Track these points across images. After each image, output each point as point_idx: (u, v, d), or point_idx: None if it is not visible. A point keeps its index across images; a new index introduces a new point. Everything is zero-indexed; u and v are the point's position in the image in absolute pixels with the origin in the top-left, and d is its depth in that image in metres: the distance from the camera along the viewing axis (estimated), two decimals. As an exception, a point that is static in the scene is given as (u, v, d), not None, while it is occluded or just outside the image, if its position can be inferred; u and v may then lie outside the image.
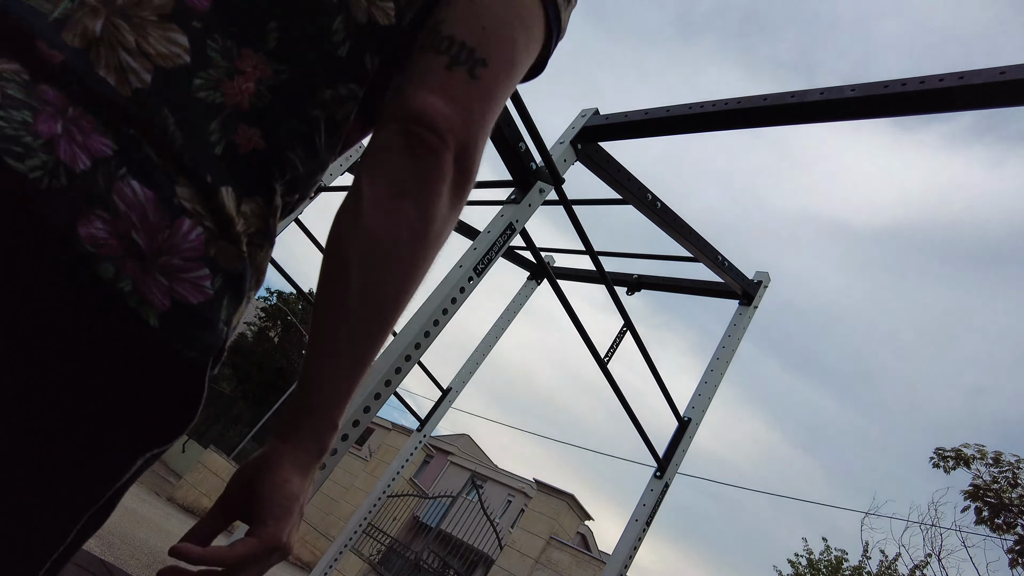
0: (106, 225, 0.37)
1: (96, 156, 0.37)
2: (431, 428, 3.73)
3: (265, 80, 0.45)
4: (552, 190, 1.85)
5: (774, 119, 1.60)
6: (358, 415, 1.44)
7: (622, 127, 1.89)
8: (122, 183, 0.38)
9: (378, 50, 0.51)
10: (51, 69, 0.37)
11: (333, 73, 0.49)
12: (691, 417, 2.46)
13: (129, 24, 0.40)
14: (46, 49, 0.37)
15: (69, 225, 0.35)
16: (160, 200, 0.39)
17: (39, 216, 0.35)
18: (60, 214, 0.35)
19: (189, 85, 0.42)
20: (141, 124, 0.39)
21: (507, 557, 8.06)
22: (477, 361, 3.78)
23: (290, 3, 0.46)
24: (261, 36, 0.45)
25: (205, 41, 0.42)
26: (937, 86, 1.32)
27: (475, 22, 0.50)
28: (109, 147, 0.38)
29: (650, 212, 2.17)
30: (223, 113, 0.43)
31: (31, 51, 0.37)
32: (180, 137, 0.40)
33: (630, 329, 2.35)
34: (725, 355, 2.57)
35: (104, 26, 0.39)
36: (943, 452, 7.15)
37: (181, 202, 0.40)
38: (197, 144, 0.41)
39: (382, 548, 10.22)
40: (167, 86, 0.41)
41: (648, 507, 2.28)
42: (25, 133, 0.35)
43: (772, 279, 2.72)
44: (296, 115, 0.47)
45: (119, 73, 0.39)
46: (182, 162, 0.40)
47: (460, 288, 1.64)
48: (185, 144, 0.41)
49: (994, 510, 6.53)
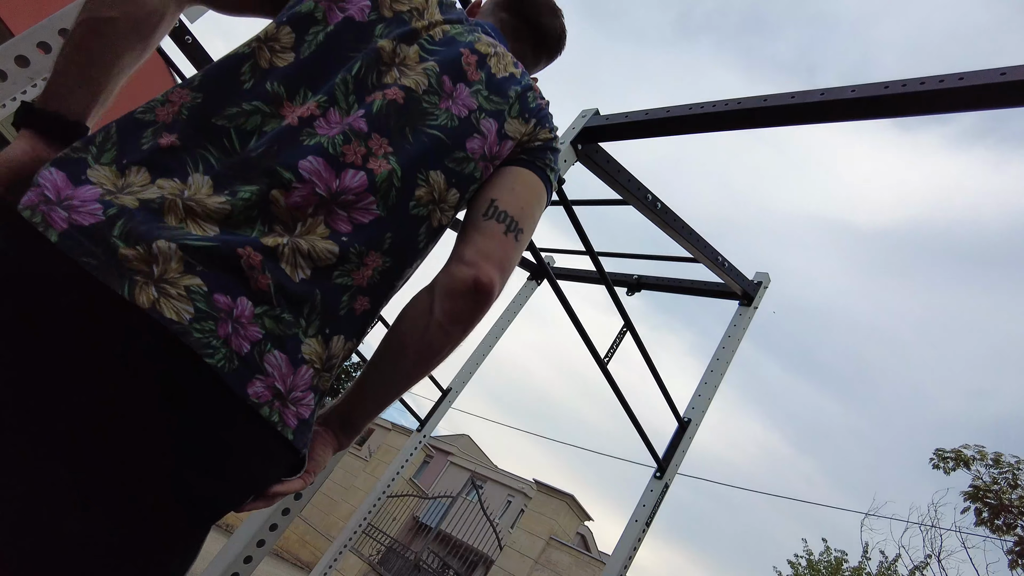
0: (262, 383, 0.61)
1: (252, 340, 0.60)
2: (431, 428, 3.73)
3: (378, 268, 0.71)
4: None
5: (775, 120, 1.60)
6: (358, 415, 1.44)
7: (622, 128, 1.89)
8: (268, 354, 0.61)
9: (436, 238, 0.81)
10: (245, 272, 0.61)
11: (414, 258, 0.77)
12: (691, 418, 2.46)
13: (306, 242, 0.65)
14: (252, 254, 0.61)
15: (242, 389, 0.59)
16: (291, 359, 0.63)
17: (228, 386, 0.58)
18: (238, 384, 0.59)
19: (333, 275, 0.67)
20: (298, 301, 0.64)
21: (507, 557, 8.06)
22: (477, 361, 3.78)
23: (401, 221, 0.73)
24: (380, 242, 0.71)
25: (348, 248, 0.68)
26: (938, 87, 1.31)
27: (517, 203, 0.80)
28: (259, 333, 0.61)
29: (650, 212, 2.17)
30: (351, 290, 0.69)
31: (235, 261, 0.60)
32: (321, 306, 0.66)
33: (630, 329, 2.35)
34: (725, 356, 2.57)
35: (290, 242, 0.64)
36: (943, 453, 7.15)
37: (303, 355, 0.65)
38: (330, 310, 0.67)
39: (382, 548, 10.22)
40: (319, 277, 0.66)
41: (648, 508, 2.28)
42: (212, 338, 0.57)
43: (772, 279, 2.72)
44: (392, 287, 0.75)
45: (292, 267, 0.64)
46: (319, 324, 0.66)
47: (460, 288, 1.64)
48: (322, 311, 0.66)
49: (994, 511, 6.53)
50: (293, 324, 0.63)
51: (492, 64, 0.84)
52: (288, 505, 1.33)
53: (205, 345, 0.56)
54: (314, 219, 0.66)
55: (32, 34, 1.27)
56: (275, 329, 0.62)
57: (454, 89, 0.79)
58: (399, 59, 0.77)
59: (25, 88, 1.29)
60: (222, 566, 1.25)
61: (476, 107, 0.80)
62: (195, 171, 0.63)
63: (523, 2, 1.00)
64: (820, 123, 1.55)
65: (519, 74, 0.87)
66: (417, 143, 0.74)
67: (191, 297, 0.57)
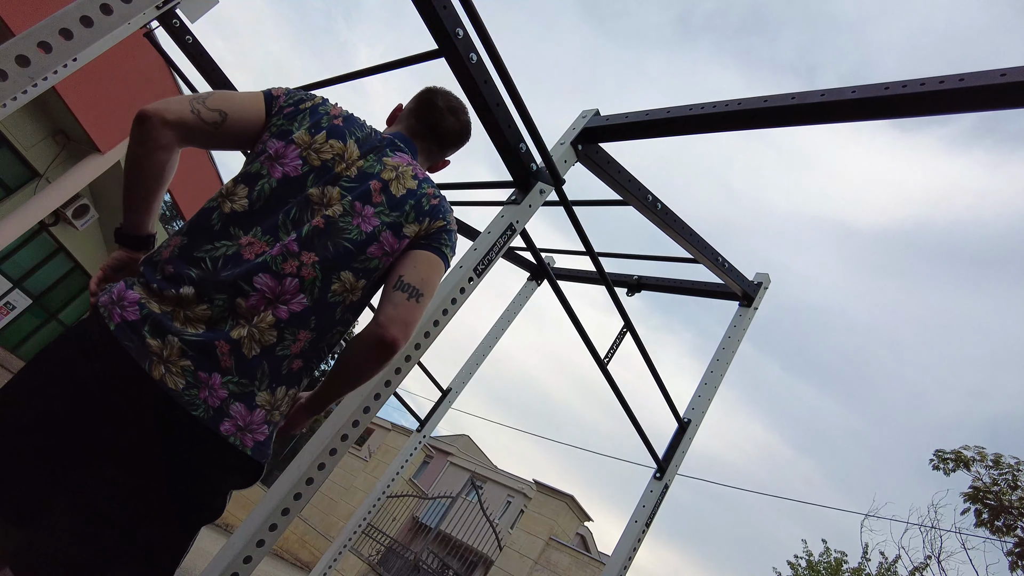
0: (230, 423, 0.98)
1: (221, 398, 0.97)
2: (431, 429, 3.73)
3: (307, 340, 1.06)
4: (552, 191, 1.85)
5: (775, 120, 1.60)
6: (357, 415, 1.43)
7: (623, 128, 1.88)
8: (232, 405, 0.98)
9: (355, 308, 1.14)
10: (220, 356, 0.98)
11: (334, 327, 1.11)
12: (691, 418, 2.46)
13: (257, 330, 1.01)
14: (223, 344, 0.99)
15: (217, 428, 0.96)
16: (247, 406, 1.00)
17: (206, 428, 0.95)
18: (214, 425, 0.96)
19: (275, 350, 1.03)
20: (251, 370, 1.00)
21: (506, 558, 8.05)
22: (477, 362, 3.77)
23: (323, 307, 1.07)
24: (308, 322, 1.05)
25: (284, 332, 1.03)
26: (938, 88, 1.31)
27: (418, 276, 1.14)
28: (225, 392, 0.97)
29: (650, 213, 2.16)
30: (289, 357, 1.04)
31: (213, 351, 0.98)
32: (268, 371, 1.02)
33: (630, 330, 2.35)
34: (725, 356, 2.57)
35: (248, 331, 1.00)
36: (943, 454, 7.14)
37: (256, 403, 1.01)
38: (276, 371, 1.03)
39: (381, 548, 10.21)
40: (265, 352, 1.02)
41: (647, 508, 2.28)
42: (196, 399, 0.95)
43: (772, 280, 2.72)
44: (320, 351, 1.10)
45: (249, 349, 1.00)
46: (268, 381, 1.02)
47: (460, 289, 1.63)
48: (271, 373, 1.02)
49: (994, 512, 6.52)
50: (248, 384, 1.00)
51: (393, 187, 1.17)
52: (288, 505, 1.33)
53: (191, 403, 0.95)
54: (264, 312, 1.02)
55: (33, 33, 1.27)
56: (235, 390, 0.99)
57: (363, 209, 1.13)
58: (326, 199, 1.11)
59: (26, 88, 1.28)
60: (222, 566, 1.25)
61: (379, 223, 1.13)
62: (186, 285, 0.99)
63: (426, 111, 1.33)
64: (820, 124, 1.55)
65: (415, 186, 1.19)
66: (335, 252, 1.08)
67: (184, 373, 0.95)
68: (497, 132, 1.67)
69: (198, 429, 0.94)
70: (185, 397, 0.93)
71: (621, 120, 1.89)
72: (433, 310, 1.59)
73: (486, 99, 1.58)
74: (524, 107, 1.64)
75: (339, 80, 2.40)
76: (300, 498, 1.35)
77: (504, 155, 1.76)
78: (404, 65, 1.99)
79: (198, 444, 0.95)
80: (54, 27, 1.27)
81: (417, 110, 1.33)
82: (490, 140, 1.72)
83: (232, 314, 0.99)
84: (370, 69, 2.16)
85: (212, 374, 0.96)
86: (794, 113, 1.55)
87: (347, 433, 1.42)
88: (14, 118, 7.59)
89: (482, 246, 1.70)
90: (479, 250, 1.69)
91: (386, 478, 3.59)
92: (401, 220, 1.15)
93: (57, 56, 1.27)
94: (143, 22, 1.54)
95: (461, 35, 1.47)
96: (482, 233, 1.77)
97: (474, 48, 1.51)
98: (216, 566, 1.26)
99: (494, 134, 1.69)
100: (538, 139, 1.72)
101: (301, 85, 2.67)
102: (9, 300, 10.19)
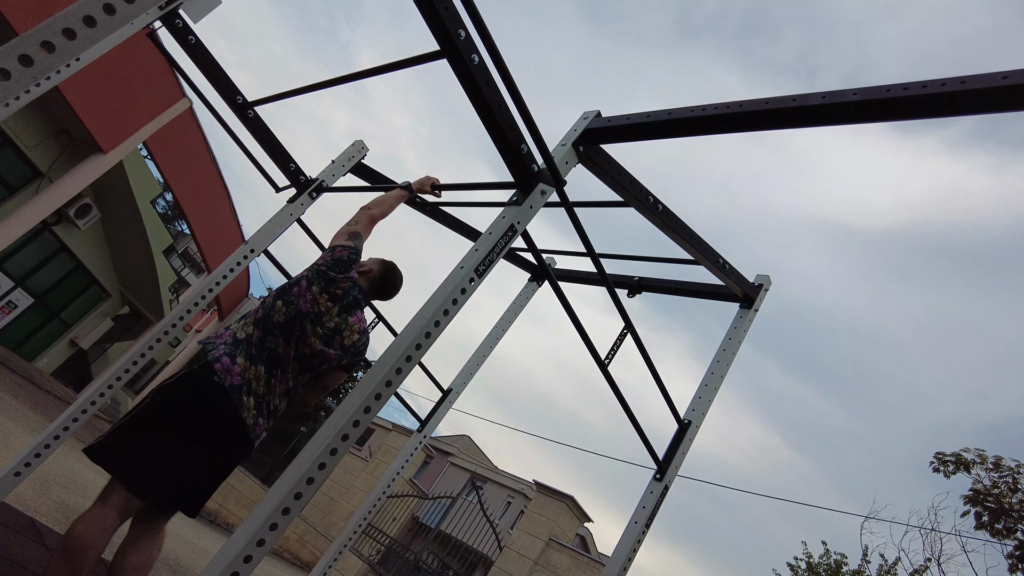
0: (261, 428, 1.97)
1: (260, 424, 1.96)
2: (431, 429, 3.73)
3: (283, 400, 2.03)
4: (553, 192, 1.85)
5: (776, 122, 1.60)
6: (358, 415, 1.44)
7: (624, 129, 1.88)
8: (259, 419, 1.94)
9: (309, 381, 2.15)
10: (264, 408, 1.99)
11: (296, 391, 2.08)
12: (691, 420, 2.46)
13: (275, 397, 2.01)
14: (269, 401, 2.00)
15: (255, 429, 1.94)
16: (265, 425, 1.98)
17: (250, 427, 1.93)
18: (255, 431, 1.94)
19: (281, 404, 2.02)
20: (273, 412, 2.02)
21: (506, 558, 8.05)
22: (478, 362, 3.77)
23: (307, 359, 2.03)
24: (287, 372, 2.01)
25: (282, 401, 2.02)
26: (939, 90, 1.31)
27: (335, 380, 2.25)
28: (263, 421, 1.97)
29: (651, 214, 2.17)
30: (279, 408, 2.02)
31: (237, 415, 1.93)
32: (275, 413, 2.01)
33: (631, 331, 2.35)
34: (725, 358, 2.57)
35: (256, 401, 1.94)
36: (943, 456, 7.12)
37: (259, 419, 1.94)
38: (275, 413, 2.01)
39: (381, 548, 10.21)
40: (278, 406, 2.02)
41: (647, 509, 2.28)
42: (255, 425, 1.94)
43: (773, 281, 2.72)
44: (291, 395, 2.06)
45: (276, 408, 2.03)
46: (273, 415, 2.02)
47: (461, 289, 1.63)
48: (274, 413, 2.01)
49: (994, 515, 6.51)
50: (271, 416, 1.97)
51: (346, 337, 2.07)
52: (288, 504, 1.33)
53: (252, 429, 1.90)
54: (279, 388, 1.98)
55: (36, 33, 1.27)
56: (264, 421, 1.95)
57: (329, 350, 2.04)
58: (314, 334, 2.00)
59: (29, 87, 1.29)
60: (222, 565, 1.25)
61: (334, 356, 2.06)
62: (259, 363, 1.93)
63: (382, 287, 2.27)
64: (822, 126, 1.55)
65: (356, 339, 2.10)
66: (309, 368, 2.05)
67: (253, 415, 1.90)
68: (499, 133, 1.67)
69: (248, 433, 1.89)
70: (250, 424, 1.89)
71: (623, 121, 1.89)
72: (434, 310, 1.59)
73: (488, 100, 1.59)
74: (526, 108, 1.64)
75: (341, 81, 2.40)
76: (301, 497, 1.35)
77: (506, 156, 1.76)
78: (406, 66, 1.99)
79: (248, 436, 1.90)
80: (57, 27, 1.27)
81: (376, 283, 2.24)
82: (491, 141, 1.72)
83: (270, 388, 1.96)
84: (372, 70, 2.17)
85: (259, 418, 1.91)
86: (795, 115, 1.55)
87: (348, 433, 1.42)
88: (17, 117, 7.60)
89: (483, 247, 1.70)
90: (480, 251, 1.69)
91: (386, 478, 3.59)
92: (345, 356, 2.14)
93: (60, 56, 1.27)
94: (146, 22, 1.55)
95: (463, 36, 1.47)
96: (483, 234, 1.77)
97: (476, 49, 1.51)
98: (217, 565, 1.26)
99: (496, 135, 1.69)
100: (539, 140, 1.72)
101: (303, 86, 2.67)
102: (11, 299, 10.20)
